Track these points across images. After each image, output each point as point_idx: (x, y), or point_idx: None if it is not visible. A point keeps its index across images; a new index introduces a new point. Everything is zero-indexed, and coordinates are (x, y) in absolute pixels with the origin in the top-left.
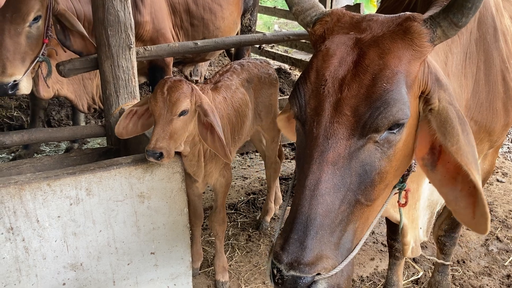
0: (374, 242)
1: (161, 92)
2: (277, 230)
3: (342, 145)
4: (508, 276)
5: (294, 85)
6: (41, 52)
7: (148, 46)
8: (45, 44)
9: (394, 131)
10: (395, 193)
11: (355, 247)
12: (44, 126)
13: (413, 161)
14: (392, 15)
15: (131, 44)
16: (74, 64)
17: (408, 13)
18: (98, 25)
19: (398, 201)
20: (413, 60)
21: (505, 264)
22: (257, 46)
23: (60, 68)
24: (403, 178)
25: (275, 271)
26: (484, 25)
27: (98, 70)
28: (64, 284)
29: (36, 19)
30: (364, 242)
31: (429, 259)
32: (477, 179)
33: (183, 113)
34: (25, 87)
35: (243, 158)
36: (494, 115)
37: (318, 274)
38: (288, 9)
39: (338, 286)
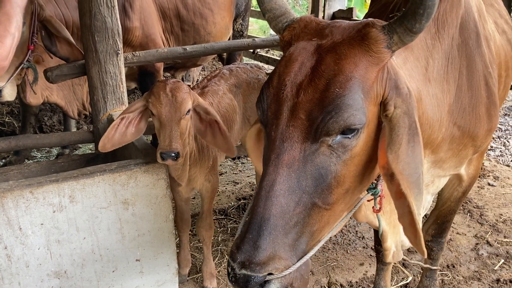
0: (364, 247)
1: (164, 93)
2: (238, 230)
3: (297, 148)
4: (498, 280)
5: (260, 89)
6: (26, 59)
7: (137, 52)
8: (30, 50)
9: (349, 136)
10: (370, 199)
11: (311, 249)
12: (35, 132)
13: None
14: (355, 22)
15: (119, 50)
16: (61, 70)
17: (369, 19)
18: (85, 31)
19: (373, 207)
20: (370, 66)
21: (495, 268)
22: (251, 50)
23: (47, 74)
24: (375, 184)
25: (229, 269)
26: (466, 31)
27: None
28: None
29: None
30: (354, 247)
31: (417, 264)
32: (410, 192)
33: (188, 112)
34: (8, 94)
35: (234, 163)
36: (477, 120)
37: (271, 274)
38: None
39: (291, 286)
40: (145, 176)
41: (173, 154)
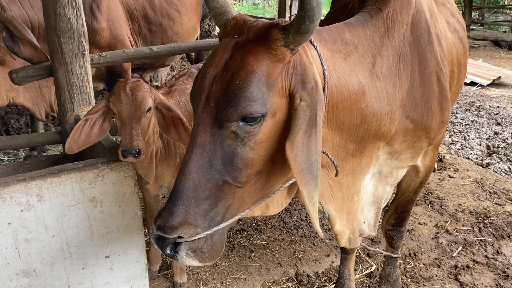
0: (330, 239)
1: (124, 93)
2: None
3: (208, 132)
4: (456, 266)
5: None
6: None
7: (103, 53)
8: None
9: (251, 124)
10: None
11: (225, 221)
12: (1, 135)
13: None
14: (269, 21)
15: (85, 51)
16: (27, 71)
17: (279, 19)
18: (50, 32)
19: None
20: (272, 63)
21: (453, 255)
22: None
23: (13, 75)
24: None
25: (151, 231)
26: (417, 29)
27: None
28: None
29: None
30: (321, 239)
31: (378, 252)
32: (300, 177)
33: (149, 110)
34: None
35: None
36: (429, 113)
37: (182, 237)
38: (250, 13)
39: (200, 251)
40: (112, 174)
41: (134, 152)
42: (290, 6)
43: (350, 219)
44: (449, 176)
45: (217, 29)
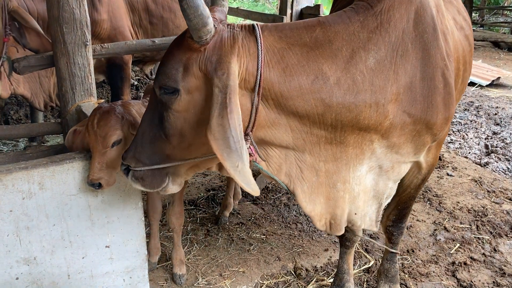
0: (328, 234)
1: (91, 125)
2: None
3: (153, 93)
4: (453, 263)
5: None
6: (4, 52)
7: (105, 44)
8: (5, 43)
9: (168, 94)
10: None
11: (162, 164)
12: (1, 125)
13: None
14: None
15: (87, 42)
16: (29, 61)
17: None
18: (53, 23)
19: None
20: (187, 50)
21: (451, 252)
22: None
23: (14, 65)
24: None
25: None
26: (421, 25)
27: (54, 68)
28: (17, 278)
29: None
30: (319, 234)
31: (379, 247)
32: (219, 152)
33: (115, 143)
34: (0, 88)
35: None
36: (431, 109)
37: (130, 166)
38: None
39: (141, 179)
40: None
41: (95, 184)
42: (292, 3)
43: (330, 204)
44: (448, 174)
45: None
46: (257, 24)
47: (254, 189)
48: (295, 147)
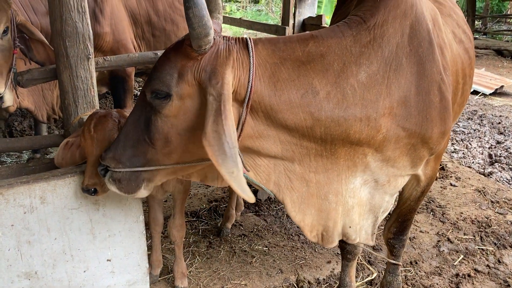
0: None
1: (88, 129)
2: None
3: (142, 97)
4: (457, 275)
5: None
6: (14, 63)
7: (108, 57)
8: (14, 55)
9: (159, 98)
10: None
11: (142, 167)
12: (5, 137)
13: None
14: None
15: (90, 55)
16: (32, 74)
17: None
18: (56, 36)
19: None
20: (184, 57)
21: (455, 264)
22: None
23: (18, 78)
24: None
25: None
26: (416, 39)
27: (57, 81)
28: None
29: (5, 31)
30: (322, 246)
31: (379, 258)
32: (215, 158)
33: None
34: (9, 99)
35: None
36: (425, 123)
37: (109, 167)
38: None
39: (118, 181)
40: None
41: (90, 190)
42: (294, 13)
43: (322, 216)
44: (451, 185)
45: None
46: (249, 38)
47: (249, 196)
48: (284, 157)
